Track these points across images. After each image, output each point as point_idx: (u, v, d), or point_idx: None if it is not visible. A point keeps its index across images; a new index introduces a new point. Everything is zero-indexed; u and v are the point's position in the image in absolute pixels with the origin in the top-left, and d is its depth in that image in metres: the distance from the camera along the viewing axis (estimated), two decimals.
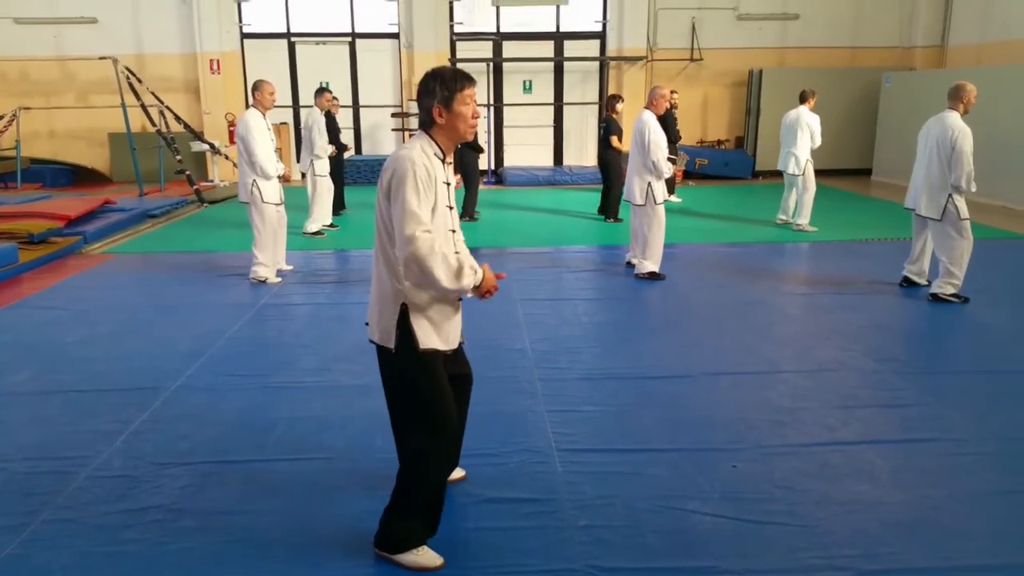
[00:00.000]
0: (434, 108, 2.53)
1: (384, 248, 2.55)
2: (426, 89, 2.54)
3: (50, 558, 2.73)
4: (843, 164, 13.65)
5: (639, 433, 3.68)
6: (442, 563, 2.69)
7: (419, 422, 2.63)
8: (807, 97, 8.73)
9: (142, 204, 10.41)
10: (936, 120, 5.83)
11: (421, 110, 2.57)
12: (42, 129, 13.63)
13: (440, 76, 2.54)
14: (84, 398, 4.14)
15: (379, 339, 2.60)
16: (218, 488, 3.19)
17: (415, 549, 2.68)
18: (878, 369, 4.50)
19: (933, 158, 5.74)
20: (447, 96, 2.52)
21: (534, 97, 14.40)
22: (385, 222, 2.51)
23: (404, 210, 2.40)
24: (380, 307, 2.59)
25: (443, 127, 2.55)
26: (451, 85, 2.53)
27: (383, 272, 2.57)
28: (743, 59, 14.03)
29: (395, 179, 2.43)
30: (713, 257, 7.62)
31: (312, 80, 13.73)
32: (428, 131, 2.57)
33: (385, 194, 2.48)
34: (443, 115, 2.53)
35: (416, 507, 2.68)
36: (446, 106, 2.52)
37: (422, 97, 2.55)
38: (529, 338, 5.10)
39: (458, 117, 2.54)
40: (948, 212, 5.68)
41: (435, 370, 2.61)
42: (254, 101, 6.56)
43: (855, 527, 2.89)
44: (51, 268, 7.30)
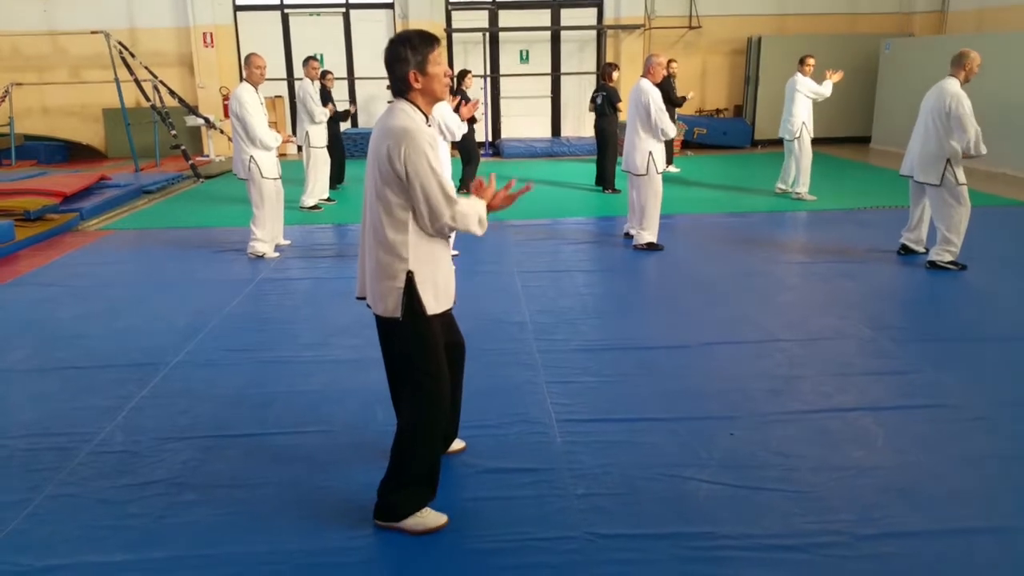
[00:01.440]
0: (410, 74, 2.52)
1: (377, 224, 2.55)
2: (397, 56, 2.52)
3: (54, 532, 2.76)
4: (842, 132, 13.57)
5: (637, 403, 3.70)
6: (446, 521, 2.74)
7: (415, 392, 2.67)
8: (801, 63, 8.67)
9: (138, 180, 10.36)
10: (935, 88, 5.79)
11: (394, 78, 2.56)
12: (35, 105, 13.52)
13: (409, 41, 2.53)
14: (83, 374, 4.15)
15: (383, 311, 2.60)
16: (219, 462, 3.21)
17: (417, 512, 2.72)
18: (875, 337, 4.51)
19: (930, 125, 5.71)
20: (420, 60, 2.52)
21: (531, 67, 14.26)
22: (380, 195, 2.51)
23: (437, 193, 2.47)
24: (380, 281, 2.58)
25: (421, 91, 2.56)
26: (422, 48, 2.52)
27: (378, 250, 2.57)
28: (742, 26, 13.89)
29: (409, 158, 2.43)
30: (711, 227, 7.61)
31: (306, 52, 13.60)
32: (407, 97, 2.57)
33: (384, 166, 2.47)
34: (419, 79, 2.54)
35: (413, 476, 2.71)
36: (421, 70, 2.53)
37: (394, 65, 2.54)
38: (528, 310, 5.10)
39: (433, 79, 2.56)
40: (946, 179, 5.66)
41: (434, 340, 2.65)
42: (246, 75, 6.51)
43: (851, 492, 2.91)
44: (48, 245, 7.28)
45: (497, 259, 6.48)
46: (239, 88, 6.45)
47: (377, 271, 2.59)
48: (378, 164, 2.50)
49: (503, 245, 6.97)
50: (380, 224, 2.54)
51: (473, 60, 13.86)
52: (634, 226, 6.88)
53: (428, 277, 2.58)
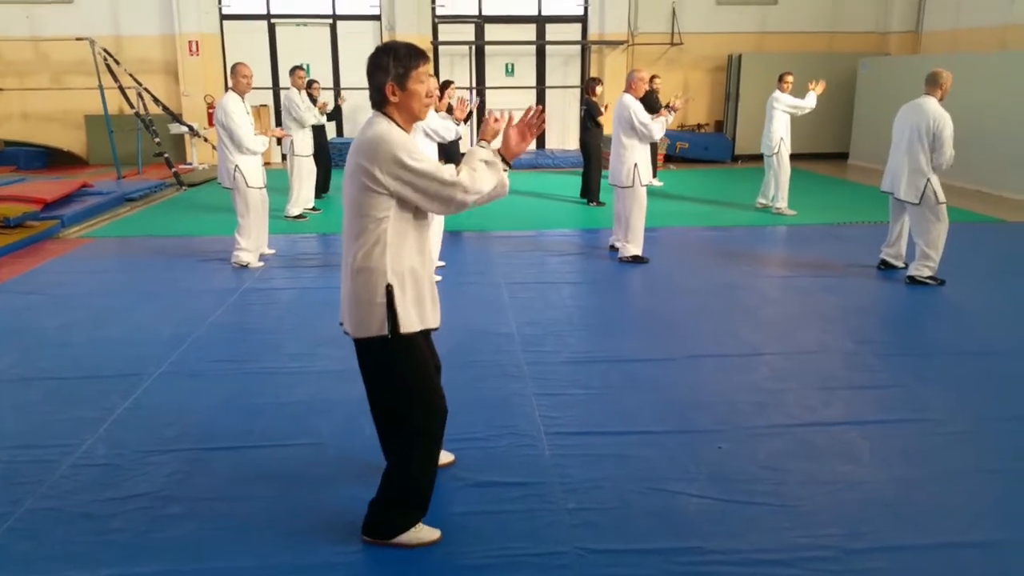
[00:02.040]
0: (387, 85, 2.39)
1: (354, 240, 2.46)
2: (378, 65, 2.40)
3: (35, 547, 2.71)
4: (820, 148, 13.76)
5: (626, 416, 3.71)
6: (439, 536, 2.73)
7: (408, 414, 2.60)
8: (780, 80, 8.78)
9: (120, 187, 10.26)
10: (913, 106, 5.88)
11: (372, 88, 2.43)
12: (16, 111, 13.37)
13: (394, 51, 2.40)
14: (66, 385, 4.10)
15: (362, 331, 2.50)
16: (205, 475, 3.17)
17: (413, 527, 2.71)
18: (857, 351, 4.56)
19: (914, 143, 5.79)
20: (401, 74, 2.39)
21: (516, 80, 14.34)
22: (359, 210, 2.41)
23: (433, 185, 2.38)
24: (359, 301, 2.47)
25: (396, 106, 2.43)
26: (406, 62, 2.39)
27: (356, 268, 2.47)
28: (723, 44, 14.07)
29: (387, 168, 2.33)
30: (695, 240, 7.67)
31: (292, 62, 13.57)
32: (383, 110, 2.45)
33: (360, 180, 2.37)
34: (396, 93, 2.41)
35: (410, 499, 2.69)
36: (399, 84, 2.40)
37: (374, 73, 2.41)
38: (515, 322, 5.11)
39: (412, 96, 2.42)
40: (926, 196, 5.75)
41: (419, 355, 2.57)
42: (231, 84, 6.48)
43: (839, 506, 2.94)
44: (28, 252, 7.19)
45: (482, 270, 6.48)
46: (225, 98, 6.43)
47: (355, 290, 2.48)
48: (354, 180, 2.40)
49: (488, 256, 6.98)
50: (358, 239, 2.44)
51: (459, 73, 13.92)
52: (619, 239, 6.91)
53: (408, 293, 2.49)
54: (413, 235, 2.50)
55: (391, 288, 2.44)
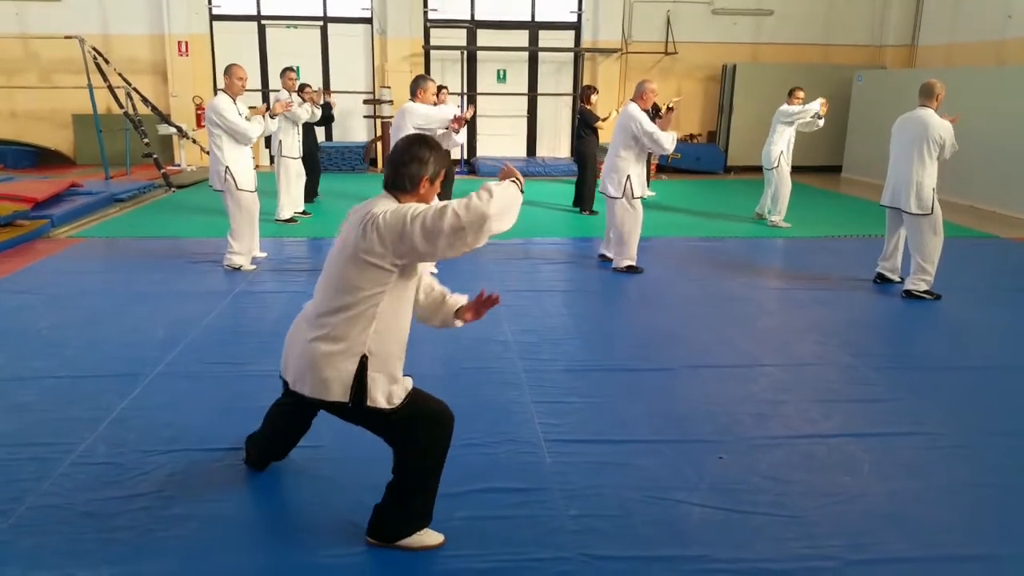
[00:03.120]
0: (425, 179, 2.50)
1: (343, 303, 2.46)
2: (417, 157, 2.48)
3: (38, 544, 2.69)
4: (814, 161, 13.86)
5: (625, 424, 3.72)
6: (443, 540, 2.73)
7: (409, 437, 2.61)
8: (789, 95, 8.78)
9: (109, 187, 10.18)
10: (911, 118, 5.93)
11: (404, 177, 2.48)
12: (4, 109, 13.24)
13: (435, 149, 2.51)
14: (61, 384, 4.05)
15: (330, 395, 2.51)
16: (206, 476, 3.16)
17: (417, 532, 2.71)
18: (855, 364, 4.59)
19: (915, 155, 5.82)
20: (436, 172, 2.51)
21: (508, 87, 14.36)
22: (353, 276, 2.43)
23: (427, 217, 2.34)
24: (327, 364, 2.48)
25: (420, 196, 2.52)
26: (441, 162, 2.53)
27: (335, 331, 2.47)
28: (717, 53, 14.16)
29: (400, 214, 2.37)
30: (689, 251, 7.70)
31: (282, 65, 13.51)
32: (399, 196, 2.51)
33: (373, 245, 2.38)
34: (426, 187, 2.52)
35: (417, 504, 2.69)
36: (432, 182, 2.52)
37: (411, 163, 2.47)
38: (511, 330, 5.10)
39: (434, 192, 2.56)
40: (935, 207, 5.79)
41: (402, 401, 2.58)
42: (224, 86, 6.44)
43: (841, 518, 2.95)
44: (18, 251, 7.11)
45: (475, 278, 6.45)
46: (216, 98, 6.38)
47: (322, 358, 2.48)
48: (359, 249, 2.41)
49: (481, 264, 6.97)
50: (343, 307, 2.45)
51: (451, 78, 13.91)
52: (609, 248, 6.92)
53: (380, 365, 2.51)
54: (401, 316, 2.58)
55: (365, 361, 2.47)
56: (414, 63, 13.65)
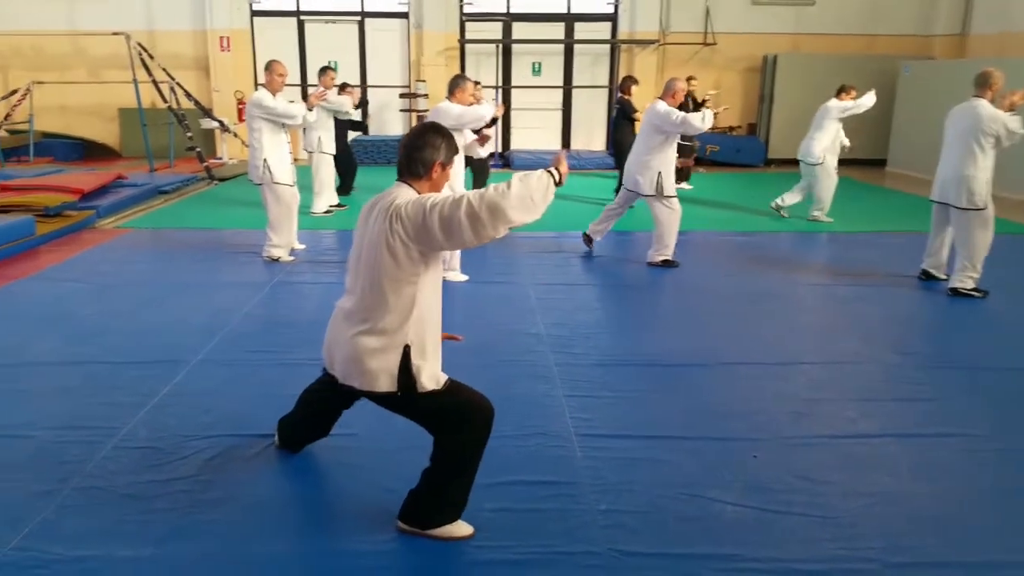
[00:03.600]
0: (438, 163, 2.60)
1: (380, 297, 2.55)
2: (430, 143, 2.59)
3: (83, 524, 2.77)
4: (856, 154, 13.53)
5: (658, 420, 3.69)
6: (473, 532, 2.74)
7: (455, 425, 2.65)
8: (842, 91, 8.56)
9: (153, 180, 10.39)
10: (964, 109, 5.74)
11: (417, 162, 2.59)
12: (53, 104, 13.57)
13: (446, 136, 2.63)
14: (106, 370, 4.16)
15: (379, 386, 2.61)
16: (244, 461, 3.22)
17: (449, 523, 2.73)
18: (897, 362, 4.49)
19: (965, 148, 5.65)
20: (447, 158, 2.62)
21: (543, 80, 14.31)
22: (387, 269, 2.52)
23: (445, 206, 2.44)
24: (373, 357, 2.58)
25: (432, 182, 2.63)
26: (453, 149, 2.65)
27: (376, 323, 2.56)
28: (757, 44, 13.91)
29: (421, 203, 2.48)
30: (727, 245, 7.60)
31: (321, 59, 13.66)
32: (413, 183, 2.61)
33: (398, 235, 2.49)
34: (438, 172, 2.62)
35: (454, 493, 2.71)
36: (444, 167, 2.63)
37: (423, 149, 2.58)
38: (543, 323, 5.09)
39: (446, 178, 2.68)
40: (974, 202, 5.62)
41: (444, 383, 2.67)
42: (265, 82, 6.52)
43: (879, 520, 2.89)
44: (67, 241, 7.31)
45: (510, 271, 6.48)
46: (257, 92, 6.47)
47: (368, 350, 2.58)
48: (386, 239, 2.49)
49: (515, 257, 6.97)
50: (380, 302, 2.55)
51: (485, 72, 13.92)
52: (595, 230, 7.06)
53: (422, 353, 2.61)
54: (435, 304, 2.69)
55: (408, 351, 2.57)
56: (449, 57, 13.68)
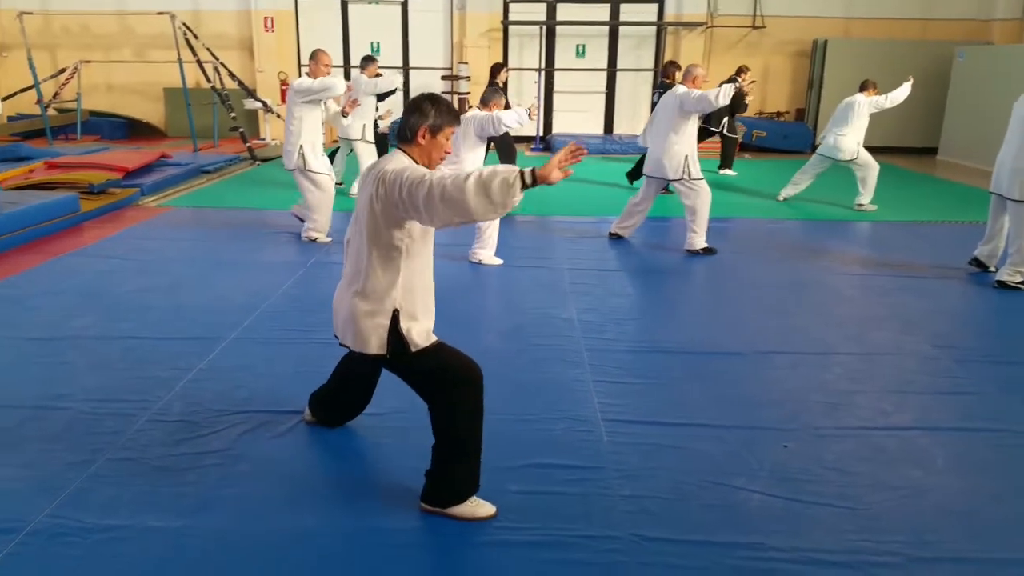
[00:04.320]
0: (422, 128, 2.64)
1: (363, 265, 2.65)
2: (419, 109, 2.65)
3: (114, 494, 2.85)
4: (906, 142, 13.23)
5: (687, 408, 3.66)
6: (495, 512, 2.77)
7: (443, 386, 2.71)
8: (867, 86, 8.41)
9: (196, 159, 10.57)
10: None
11: (403, 126, 2.67)
12: (101, 83, 13.87)
13: (437, 104, 2.66)
14: (144, 345, 4.26)
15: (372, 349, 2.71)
16: (274, 437, 3.28)
17: (469, 500, 2.76)
18: (937, 355, 4.39)
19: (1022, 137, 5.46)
20: (437, 125, 2.65)
21: (587, 62, 14.18)
22: (374, 236, 2.62)
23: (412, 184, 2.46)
24: (364, 318, 2.68)
25: (421, 148, 2.67)
26: (444, 117, 2.66)
27: (367, 286, 2.67)
28: (807, 28, 13.58)
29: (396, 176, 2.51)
30: (768, 233, 7.48)
31: (364, 41, 13.73)
32: (405, 148, 2.69)
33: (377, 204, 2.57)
34: (426, 138, 2.65)
35: (461, 469, 2.74)
36: (432, 133, 2.65)
37: (411, 114, 2.66)
38: (576, 308, 5.08)
39: (436, 146, 2.68)
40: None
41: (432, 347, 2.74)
42: (309, 70, 6.59)
43: (907, 513, 2.84)
44: (110, 218, 7.49)
45: (545, 255, 6.46)
46: (299, 79, 6.54)
47: (360, 313, 2.69)
48: (371, 204, 2.58)
49: (551, 242, 6.96)
50: (371, 265, 2.64)
51: (528, 54, 13.85)
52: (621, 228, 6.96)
53: (411, 315, 2.70)
54: (423, 271, 2.76)
55: (397, 315, 2.67)
56: (492, 39, 13.63)
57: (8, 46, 13.81)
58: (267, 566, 2.50)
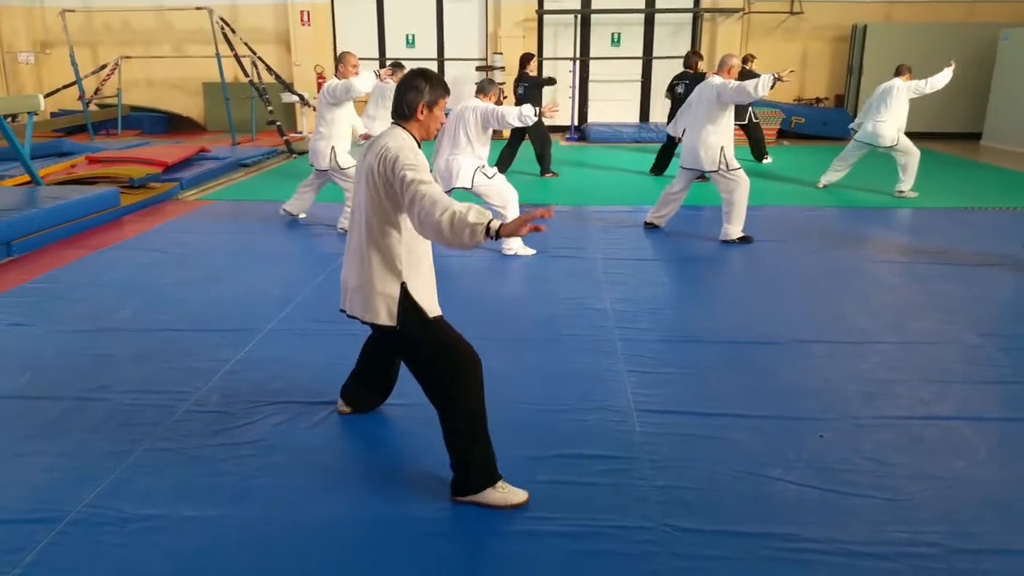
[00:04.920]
0: (420, 104, 2.75)
1: (369, 238, 2.74)
2: (413, 86, 2.76)
3: (152, 483, 2.90)
4: (949, 127, 12.90)
5: (721, 398, 3.62)
6: (527, 498, 2.78)
7: (451, 360, 2.75)
8: (904, 71, 8.25)
9: (235, 153, 10.72)
10: None
11: (402, 103, 2.77)
12: (141, 78, 14.16)
13: (430, 79, 2.78)
14: (182, 337, 4.34)
15: (382, 319, 2.78)
16: (309, 427, 3.32)
17: (497, 485, 2.78)
18: (980, 344, 4.28)
19: None
20: (432, 100, 2.77)
21: (622, 51, 14.08)
22: (375, 208, 2.71)
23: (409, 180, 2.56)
24: (372, 289, 2.76)
25: (420, 123, 2.79)
26: (437, 91, 2.79)
27: (370, 262, 2.75)
28: (846, 13, 13.33)
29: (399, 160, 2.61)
30: (806, 221, 7.36)
31: (399, 33, 13.79)
32: (404, 124, 2.79)
33: (377, 179, 2.66)
34: (424, 113, 2.77)
35: (472, 454, 2.76)
36: (429, 108, 2.77)
37: (407, 92, 2.76)
38: (610, 297, 5.05)
39: (434, 119, 2.81)
40: None
41: (437, 321, 2.83)
42: (337, 72, 6.65)
43: (947, 504, 2.78)
44: (150, 212, 7.63)
45: (580, 245, 6.44)
46: (330, 81, 6.60)
47: (368, 284, 2.76)
48: (372, 178, 2.67)
49: (586, 231, 6.93)
50: (373, 237, 2.73)
51: (563, 43, 13.78)
52: (656, 217, 6.91)
53: (417, 286, 2.79)
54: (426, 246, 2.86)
55: (405, 285, 2.76)
56: (527, 28, 13.59)
57: (51, 43, 14.14)
58: (300, 554, 2.53)
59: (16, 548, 2.51)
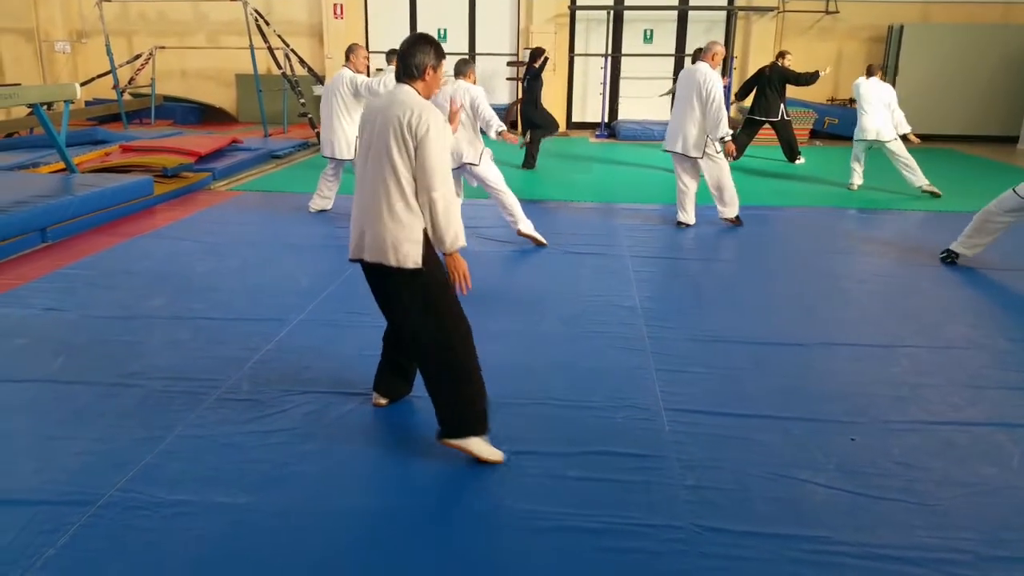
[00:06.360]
0: (428, 66, 2.94)
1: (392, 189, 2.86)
2: (421, 50, 2.94)
3: (183, 469, 2.95)
4: (983, 130, 12.68)
5: (751, 398, 3.60)
6: (501, 458, 2.97)
7: (445, 302, 2.96)
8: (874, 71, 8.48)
9: (266, 144, 10.81)
10: None
11: (410, 65, 2.93)
12: (175, 68, 14.30)
13: (434, 44, 2.98)
14: (214, 325, 4.39)
15: (411, 262, 2.88)
16: (338, 417, 3.35)
17: (482, 436, 2.95)
18: (1012, 349, 4.22)
19: None
20: (436, 64, 2.98)
21: (654, 47, 13.99)
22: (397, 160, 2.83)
23: (437, 167, 2.81)
24: (403, 235, 2.87)
25: (426, 83, 2.97)
26: (440, 56, 3.00)
27: (394, 211, 2.86)
28: (883, 13, 13.13)
29: (430, 130, 2.79)
30: (836, 222, 7.29)
31: (431, 27, 13.80)
32: (411, 83, 2.95)
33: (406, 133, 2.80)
34: (430, 74, 2.97)
35: (467, 381, 2.93)
36: (434, 70, 2.97)
37: (415, 55, 2.93)
38: (638, 295, 5.04)
39: (436, 80, 3.01)
40: None
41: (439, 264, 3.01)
42: (347, 63, 6.72)
43: (978, 510, 2.75)
44: (182, 201, 7.73)
45: (608, 242, 6.42)
46: (348, 72, 6.67)
47: (399, 230, 2.86)
48: (393, 132, 2.81)
49: (614, 228, 6.91)
50: (400, 186, 2.84)
51: (595, 39, 13.72)
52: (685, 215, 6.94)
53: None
54: None
55: (427, 231, 2.92)
56: (559, 24, 13.55)
57: (88, 33, 14.34)
58: (329, 541, 2.57)
59: (50, 530, 2.57)
